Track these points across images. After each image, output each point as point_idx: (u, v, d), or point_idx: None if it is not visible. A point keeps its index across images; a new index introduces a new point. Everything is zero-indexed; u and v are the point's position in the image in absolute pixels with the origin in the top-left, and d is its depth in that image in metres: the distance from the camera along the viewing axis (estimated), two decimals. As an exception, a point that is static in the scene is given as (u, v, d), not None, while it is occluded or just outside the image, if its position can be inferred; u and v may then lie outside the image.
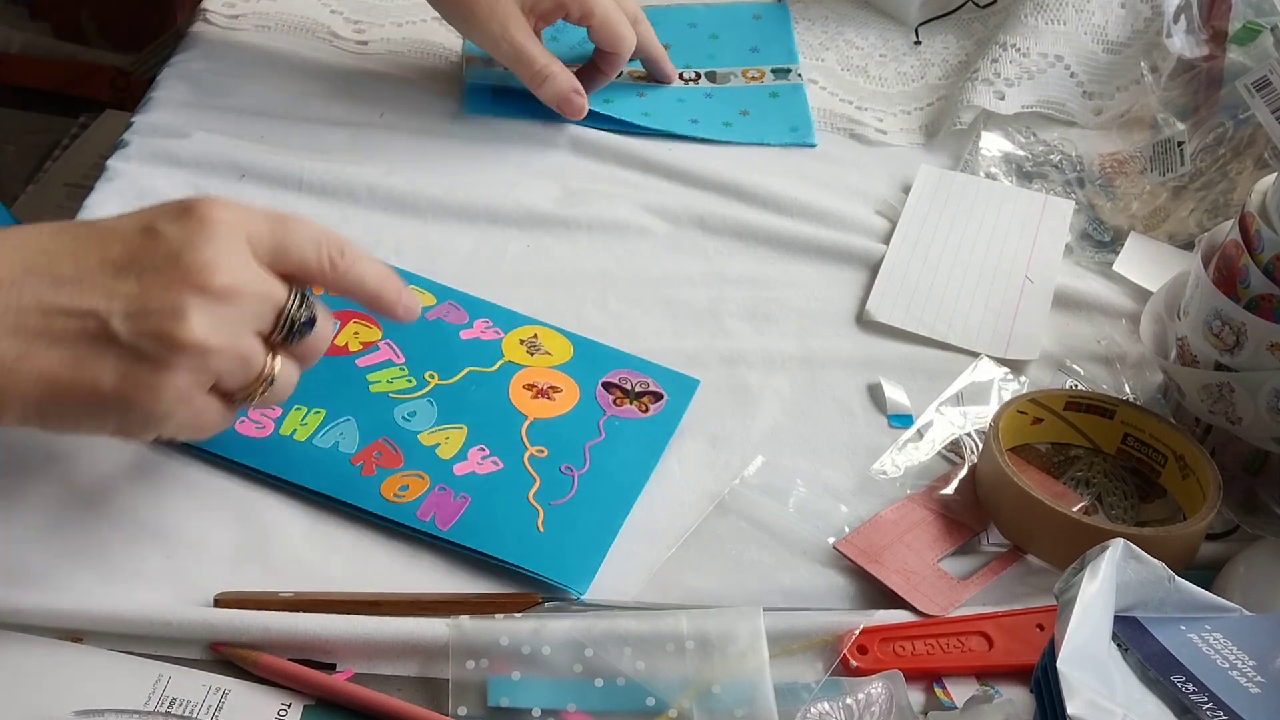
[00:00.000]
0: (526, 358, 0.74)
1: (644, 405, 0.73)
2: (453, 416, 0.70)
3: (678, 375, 0.75)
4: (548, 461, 0.68)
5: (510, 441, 0.69)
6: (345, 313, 0.73)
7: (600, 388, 0.73)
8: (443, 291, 0.78)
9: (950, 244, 0.88)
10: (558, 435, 0.70)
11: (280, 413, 0.69)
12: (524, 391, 0.72)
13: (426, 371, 0.72)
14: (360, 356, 0.73)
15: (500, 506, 0.66)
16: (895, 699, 0.60)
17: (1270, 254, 0.68)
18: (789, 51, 1.01)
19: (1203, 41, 0.91)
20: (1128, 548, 0.55)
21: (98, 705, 0.55)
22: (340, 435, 0.68)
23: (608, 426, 0.71)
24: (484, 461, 0.68)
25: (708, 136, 0.94)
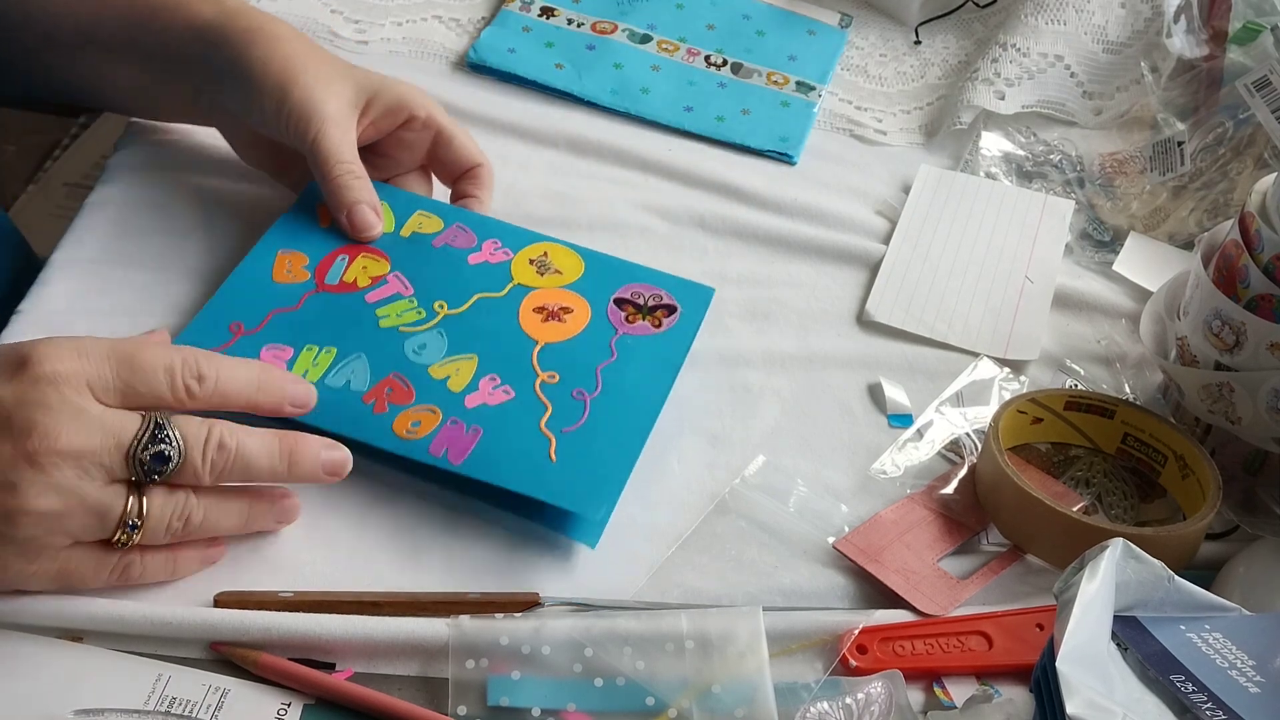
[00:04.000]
0: (536, 278, 0.74)
1: (657, 320, 0.72)
2: (463, 347, 0.70)
3: (691, 285, 0.75)
4: (559, 387, 0.68)
5: (521, 369, 0.69)
6: (352, 248, 0.74)
7: (612, 304, 0.73)
8: (450, 213, 0.78)
9: (950, 244, 0.88)
10: (569, 359, 0.70)
11: (291, 354, 0.69)
12: (534, 315, 0.72)
13: (436, 301, 0.72)
14: (369, 291, 0.72)
15: (513, 437, 0.65)
16: (895, 699, 0.60)
17: (1270, 254, 0.68)
18: (824, 73, 1.01)
19: (1203, 41, 0.91)
20: (1127, 547, 0.55)
21: (98, 705, 0.55)
22: (351, 373, 0.68)
23: (620, 346, 0.71)
24: (495, 391, 0.67)
25: (693, 129, 0.95)
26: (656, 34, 1.02)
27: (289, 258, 0.74)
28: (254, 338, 0.69)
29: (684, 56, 1.00)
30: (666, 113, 0.95)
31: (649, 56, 1.00)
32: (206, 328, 0.69)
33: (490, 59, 0.97)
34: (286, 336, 0.69)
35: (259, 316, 0.70)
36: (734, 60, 1.01)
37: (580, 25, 1.01)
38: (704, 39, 1.02)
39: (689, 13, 1.04)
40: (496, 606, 0.62)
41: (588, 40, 1.00)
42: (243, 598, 0.61)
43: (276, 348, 0.69)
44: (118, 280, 0.75)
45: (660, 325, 0.72)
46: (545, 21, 1.01)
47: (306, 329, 0.70)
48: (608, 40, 1.00)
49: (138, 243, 0.78)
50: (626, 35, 1.01)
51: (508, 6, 1.02)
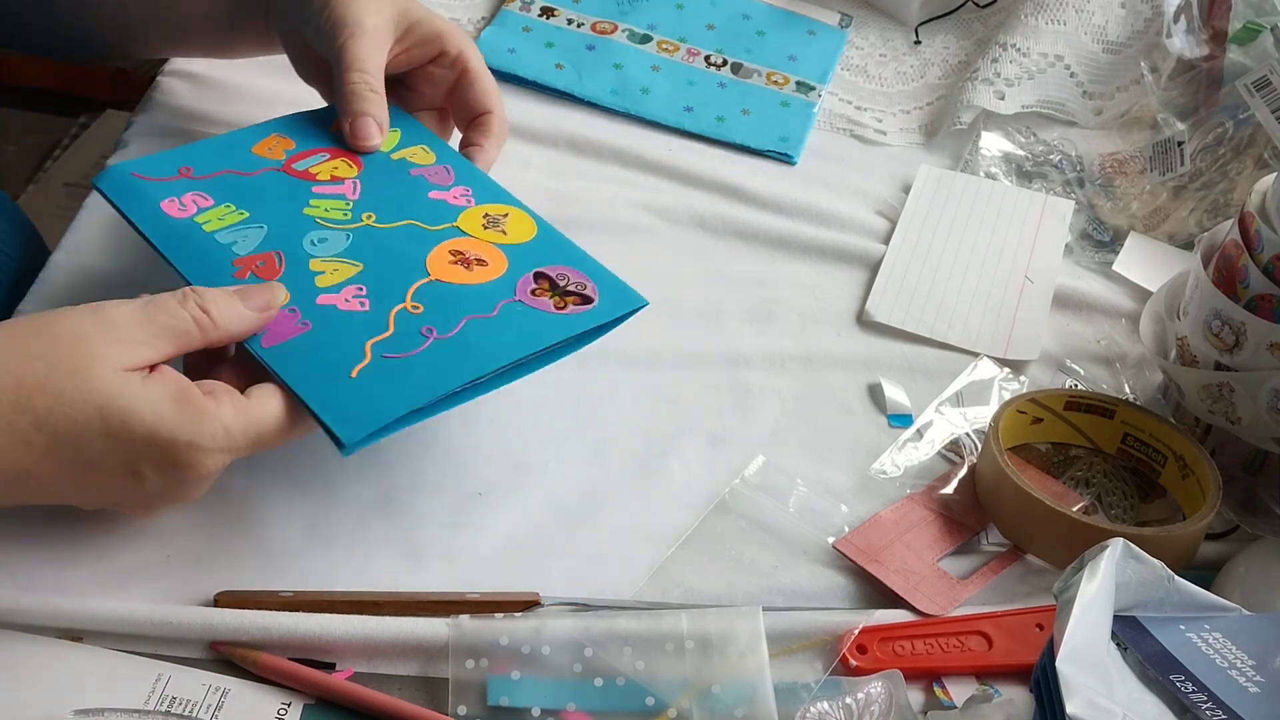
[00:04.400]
0: (478, 229, 0.71)
1: (561, 303, 0.67)
2: (357, 254, 0.68)
3: (626, 290, 0.69)
4: (415, 319, 0.65)
5: (393, 291, 0.66)
6: (338, 151, 0.75)
7: (531, 274, 0.69)
8: (446, 154, 0.77)
9: (950, 244, 0.88)
10: (446, 300, 0.66)
11: (209, 205, 0.70)
12: (446, 255, 0.69)
13: (367, 211, 0.71)
14: (319, 184, 0.73)
15: (333, 343, 0.63)
16: (895, 698, 0.60)
17: (1270, 254, 0.68)
18: (824, 73, 1.01)
19: (1203, 41, 0.91)
20: (1127, 547, 0.55)
21: (98, 704, 0.55)
22: (243, 238, 0.68)
23: (505, 310, 0.66)
24: (352, 300, 0.65)
25: (694, 129, 0.95)
26: (656, 34, 1.02)
27: (279, 140, 0.76)
28: (191, 182, 0.71)
29: (684, 56, 1.00)
30: (666, 113, 0.95)
31: (649, 57, 1.00)
32: (159, 162, 0.73)
33: (490, 59, 0.97)
34: (218, 191, 0.71)
35: (212, 169, 0.72)
36: (734, 60, 1.01)
37: (580, 25, 1.01)
38: (704, 39, 1.02)
39: (689, 13, 1.04)
40: (496, 606, 0.62)
41: (588, 40, 1.00)
42: (242, 598, 0.61)
43: (199, 195, 0.71)
44: (118, 280, 0.75)
45: (564, 308, 0.67)
46: (545, 22, 1.01)
47: (239, 192, 0.71)
48: (608, 40, 1.00)
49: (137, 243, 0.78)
50: (626, 35, 1.01)
51: (508, 6, 1.02)
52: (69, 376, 0.55)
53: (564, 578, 0.65)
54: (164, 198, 0.71)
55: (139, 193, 0.71)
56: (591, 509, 0.68)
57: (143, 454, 0.57)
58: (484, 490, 0.68)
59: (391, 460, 0.68)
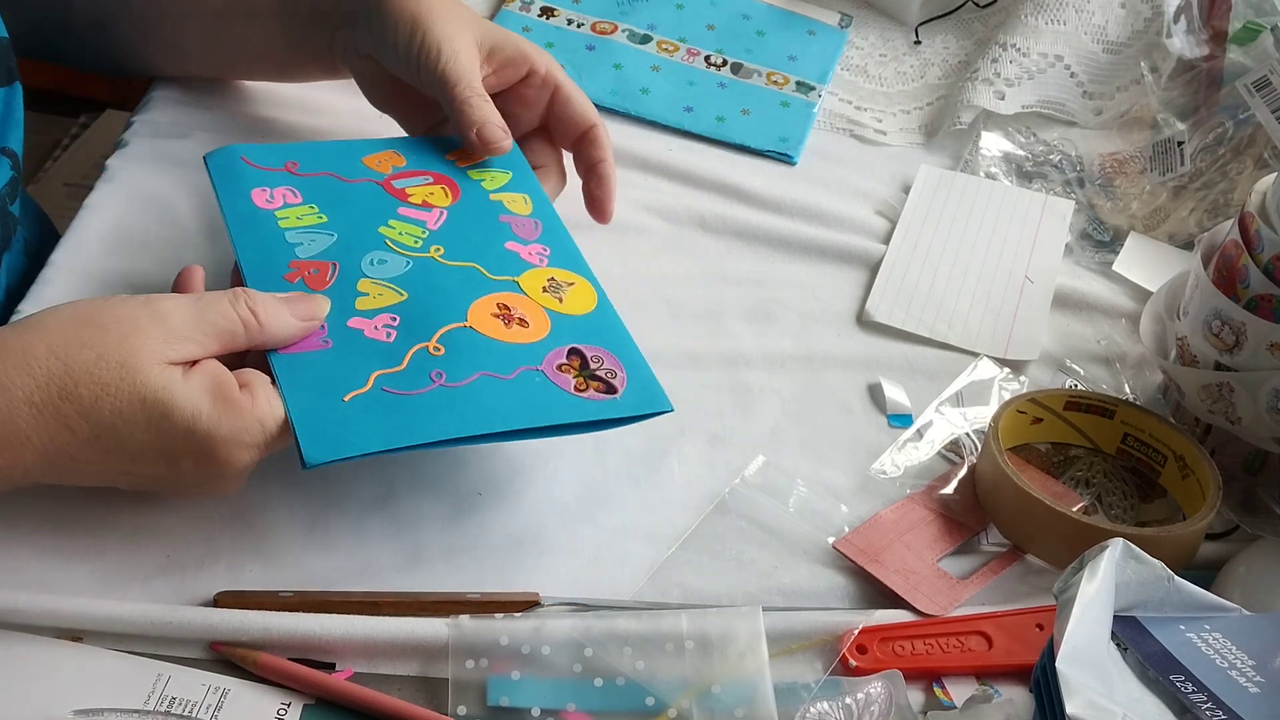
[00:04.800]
0: (536, 290, 0.70)
1: (583, 385, 0.65)
2: (407, 283, 0.68)
3: (654, 390, 0.66)
4: (430, 360, 0.64)
5: (423, 328, 0.65)
6: (440, 176, 0.76)
7: (567, 349, 0.66)
8: (542, 209, 0.76)
9: (950, 244, 0.88)
10: (469, 350, 0.65)
11: (296, 202, 0.72)
12: (492, 306, 0.68)
13: (438, 245, 0.71)
14: (409, 207, 0.73)
15: (342, 366, 0.63)
16: (895, 699, 0.60)
17: (1270, 254, 0.68)
18: (824, 73, 1.01)
19: (1203, 41, 0.91)
20: (1127, 547, 0.55)
21: (98, 705, 0.55)
22: (310, 241, 0.69)
23: (523, 376, 0.64)
24: (379, 329, 0.65)
25: (694, 130, 0.95)
26: (656, 34, 1.02)
27: (392, 157, 0.77)
28: (290, 177, 0.73)
29: (684, 57, 1.00)
30: (666, 113, 0.95)
31: (649, 57, 1.00)
32: (270, 152, 0.75)
33: None
34: (309, 191, 0.73)
35: (316, 169, 0.74)
36: (734, 60, 1.01)
37: (580, 25, 1.01)
38: (704, 39, 1.02)
39: (689, 13, 1.04)
40: (496, 606, 0.62)
41: (588, 40, 1.00)
42: (243, 598, 0.61)
43: (290, 190, 0.72)
44: (118, 280, 0.75)
45: (583, 391, 0.64)
46: (545, 22, 1.01)
47: (329, 196, 0.72)
48: (608, 40, 1.00)
49: (138, 243, 0.78)
50: (626, 35, 1.01)
51: (508, 6, 1.02)
52: (117, 367, 0.57)
53: (564, 578, 0.65)
54: (257, 186, 0.72)
55: (238, 175, 0.73)
56: (591, 509, 0.68)
57: (180, 447, 0.58)
58: (484, 490, 0.68)
59: (392, 460, 0.68)
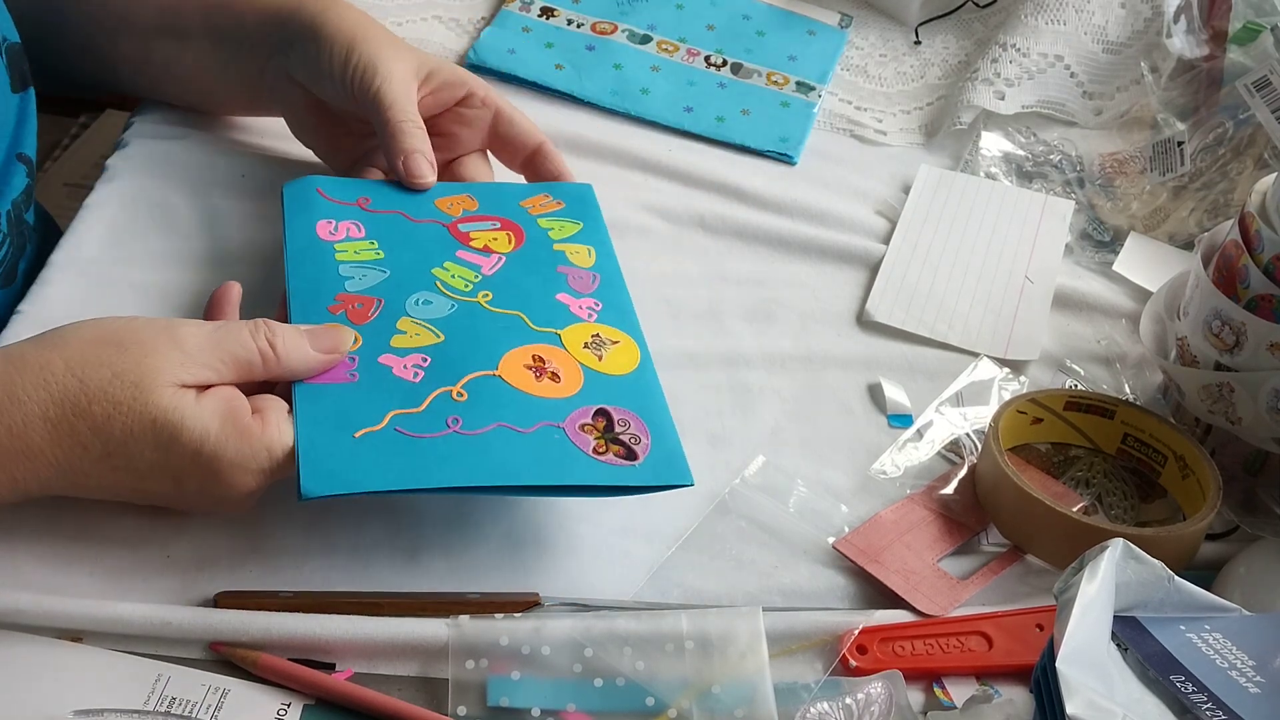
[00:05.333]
0: (577, 346, 0.68)
1: (603, 448, 0.63)
2: (447, 326, 0.67)
3: (678, 462, 0.64)
4: (450, 405, 0.63)
5: (451, 373, 0.65)
6: (507, 222, 0.75)
7: (593, 409, 0.65)
8: (606, 264, 0.75)
9: (950, 244, 0.88)
10: (492, 399, 0.64)
11: (361, 236, 0.72)
12: (526, 357, 0.67)
13: (486, 290, 0.70)
14: (468, 251, 0.73)
15: (362, 402, 0.62)
16: (895, 699, 0.60)
17: (1270, 254, 0.68)
18: (824, 73, 1.01)
19: (1203, 41, 0.91)
20: (1127, 548, 0.55)
21: (97, 705, 0.55)
22: (362, 276, 0.69)
23: (543, 432, 0.63)
24: (408, 368, 0.65)
25: (694, 130, 0.95)
26: (656, 34, 1.02)
27: (466, 200, 0.77)
28: (359, 212, 0.74)
29: (684, 57, 1.00)
30: (666, 113, 0.95)
31: (649, 57, 1.00)
32: (346, 186, 0.76)
33: (490, 60, 0.97)
34: (374, 226, 0.73)
35: (387, 206, 0.75)
36: (734, 60, 1.01)
37: (580, 26, 1.01)
38: (704, 39, 1.02)
39: (689, 13, 1.04)
40: (496, 606, 0.62)
41: (587, 41, 1.00)
42: (243, 598, 0.61)
43: (355, 224, 0.73)
44: (118, 280, 0.75)
45: (602, 455, 0.63)
46: (545, 22, 1.01)
47: (392, 234, 0.72)
48: (608, 41, 1.00)
49: (138, 243, 0.78)
50: (626, 36, 1.01)
51: (508, 7, 1.02)
52: (131, 387, 0.58)
53: (564, 578, 0.65)
54: (324, 217, 0.73)
55: (309, 205, 0.74)
56: (591, 509, 0.68)
57: (187, 468, 0.59)
58: (484, 490, 0.68)
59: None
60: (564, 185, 0.80)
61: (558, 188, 0.80)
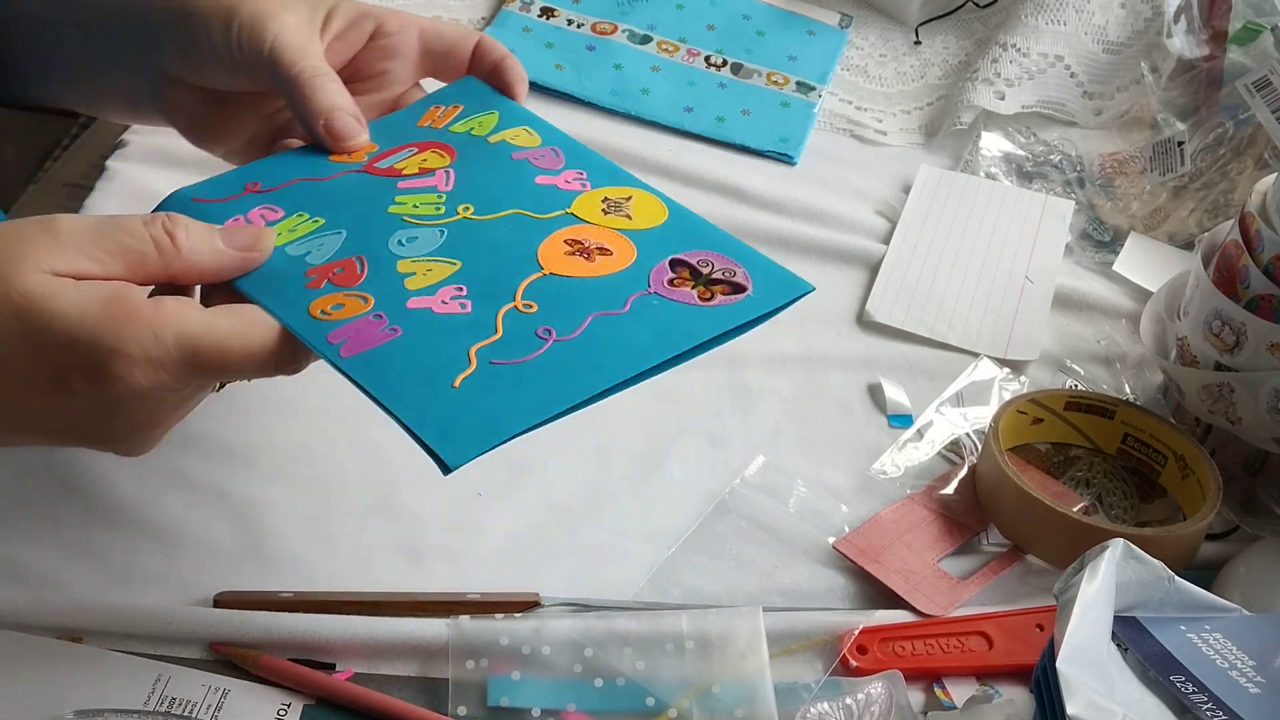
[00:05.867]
0: (598, 215, 0.61)
1: (709, 293, 0.57)
2: (454, 251, 0.58)
3: (784, 274, 0.60)
4: (529, 319, 0.55)
5: (500, 289, 0.56)
6: (423, 143, 0.65)
7: (666, 262, 0.59)
8: (552, 134, 0.67)
9: (950, 244, 0.88)
10: (565, 297, 0.56)
11: (279, 216, 0.60)
12: (561, 245, 0.59)
13: (463, 204, 0.61)
14: (405, 180, 0.63)
15: (430, 350, 0.54)
16: (895, 699, 0.60)
17: (1270, 254, 0.68)
18: (824, 73, 1.01)
19: (1203, 41, 0.91)
20: (1127, 548, 0.55)
21: (97, 705, 0.55)
22: (318, 247, 0.58)
23: (639, 304, 0.56)
24: (450, 302, 0.56)
25: (694, 130, 0.95)
26: (656, 34, 1.02)
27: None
28: (259, 196, 0.61)
29: (684, 57, 1.00)
30: (666, 113, 0.95)
31: (649, 57, 1.00)
32: (225, 181, 0.63)
33: None
34: (288, 201, 0.61)
35: (282, 179, 0.62)
36: (734, 61, 1.01)
37: (580, 26, 1.01)
38: (704, 39, 1.02)
39: (689, 13, 1.04)
40: (496, 606, 0.62)
41: (588, 41, 1.00)
42: (243, 598, 0.61)
43: (268, 208, 0.61)
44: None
45: (710, 299, 0.57)
46: (545, 22, 1.01)
47: (313, 199, 0.61)
48: (608, 41, 1.00)
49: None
50: (626, 36, 1.01)
51: (507, 7, 1.02)
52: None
53: (564, 578, 0.65)
54: (228, 217, 0.61)
55: (201, 218, 0.61)
56: (591, 509, 0.68)
57: (65, 360, 0.50)
58: (484, 490, 0.68)
59: (392, 460, 0.68)
60: (448, 90, 0.69)
61: (444, 94, 0.69)
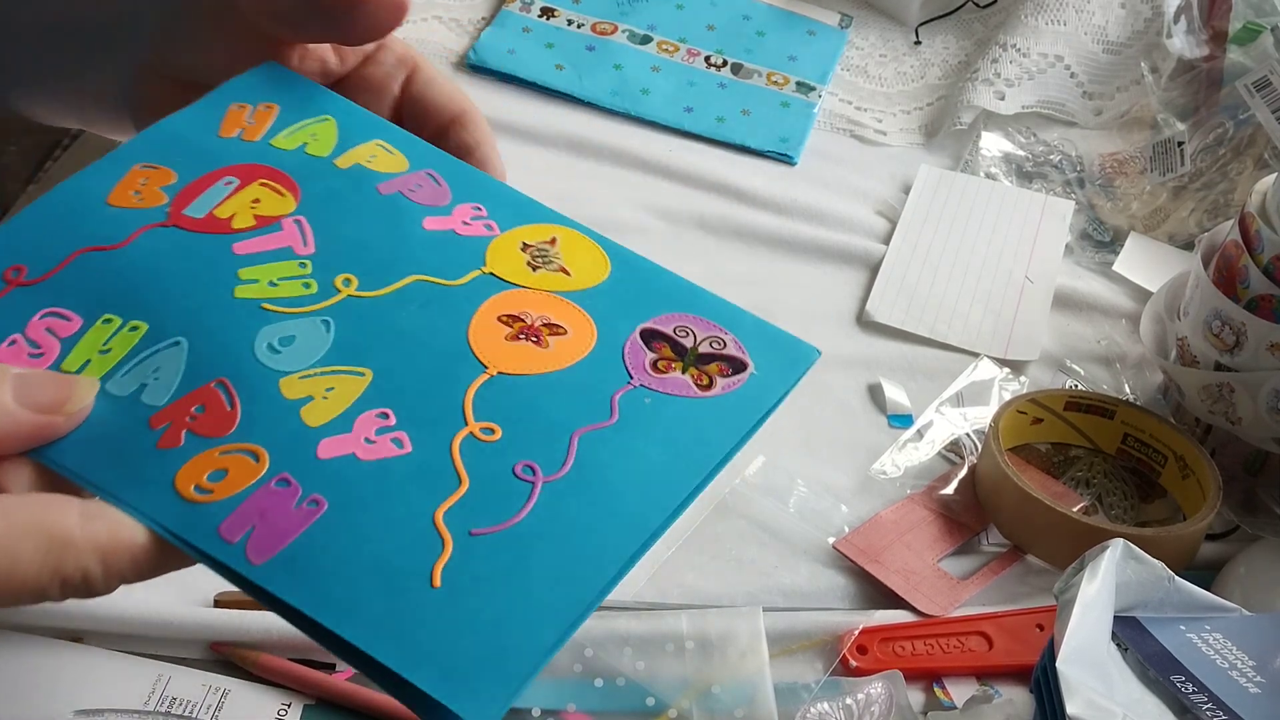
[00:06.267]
0: (524, 273, 0.46)
1: (705, 377, 0.44)
2: (355, 354, 0.41)
3: (782, 335, 0.49)
4: (495, 451, 0.39)
5: (440, 408, 0.40)
6: (250, 168, 0.46)
7: (636, 336, 0.45)
8: (424, 155, 0.49)
9: (950, 244, 0.88)
10: (529, 407, 0.41)
11: (78, 327, 0.41)
12: (497, 326, 0.43)
13: (342, 274, 0.44)
14: (242, 239, 0.44)
15: (376, 527, 0.37)
16: (895, 699, 0.60)
17: (1270, 254, 0.68)
18: (824, 73, 1.01)
19: (1203, 42, 0.91)
20: (1127, 548, 0.55)
21: (98, 705, 0.55)
22: (153, 374, 0.40)
23: (628, 404, 0.42)
24: (380, 437, 0.39)
25: (694, 130, 0.95)
26: (656, 35, 1.02)
27: (148, 173, 0.46)
28: (33, 293, 0.41)
29: (684, 57, 1.00)
30: (667, 113, 0.95)
31: (649, 57, 1.00)
32: None
33: (490, 60, 0.97)
34: (83, 298, 0.41)
35: (58, 256, 0.42)
36: (734, 61, 1.01)
37: (580, 26, 1.01)
38: (704, 39, 1.02)
39: (689, 13, 1.04)
40: (496, 607, 0.62)
41: (588, 41, 1.00)
42: (243, 598, 0.60)
43: (56, 316, 0.41)
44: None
45: (710, 386, 0.44)
46: (545, 22, 1.01)
47: (117, 287, 0.42)
48: (608, 41, 1.00)
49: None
50: (626, 36, 1.01)
51: (508, 7, 1.02)
52: None
53: (564, 578, 0.65)
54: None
55: None
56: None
57: None
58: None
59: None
60: (246, 80, 0.49)
61: (242, 86, 0.49)
